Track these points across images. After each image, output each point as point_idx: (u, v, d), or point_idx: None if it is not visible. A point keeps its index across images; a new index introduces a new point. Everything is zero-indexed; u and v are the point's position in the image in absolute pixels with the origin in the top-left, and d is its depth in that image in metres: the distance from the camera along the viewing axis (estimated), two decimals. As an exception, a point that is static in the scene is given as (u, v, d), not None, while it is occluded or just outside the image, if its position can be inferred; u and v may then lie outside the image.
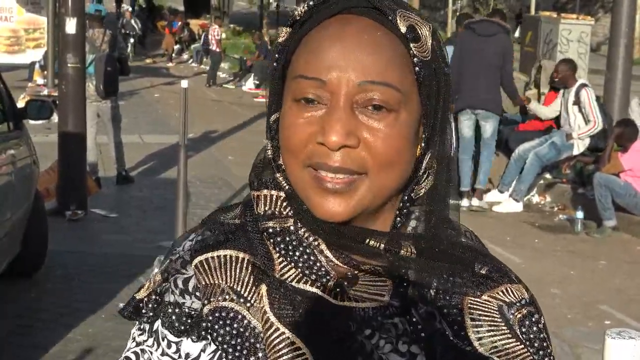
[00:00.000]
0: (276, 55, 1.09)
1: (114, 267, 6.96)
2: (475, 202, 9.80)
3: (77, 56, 8.89)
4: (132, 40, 28.98)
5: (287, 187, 1.07)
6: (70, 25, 8.83)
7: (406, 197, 1.09)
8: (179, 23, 30.98)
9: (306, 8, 1.07)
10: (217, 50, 24.06)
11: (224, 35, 25.88)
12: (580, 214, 8.93)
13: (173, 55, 29.45)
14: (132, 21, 30.10)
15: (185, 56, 30.09)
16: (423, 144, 1.07)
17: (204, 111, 16.71)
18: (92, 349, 5.31)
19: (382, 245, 1.05)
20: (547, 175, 10.44)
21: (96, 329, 5.61)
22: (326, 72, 1.02)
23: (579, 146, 9.90)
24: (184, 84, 7.52)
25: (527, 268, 7.49)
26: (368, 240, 1.04)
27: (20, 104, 8.41)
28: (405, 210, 1.09)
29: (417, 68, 1.04)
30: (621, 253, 8.29)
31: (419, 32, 1.05)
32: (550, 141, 9.92)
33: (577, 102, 9.80)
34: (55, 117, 9.35)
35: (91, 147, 9.65)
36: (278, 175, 1.08)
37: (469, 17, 10.83)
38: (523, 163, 9.95)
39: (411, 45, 1.04)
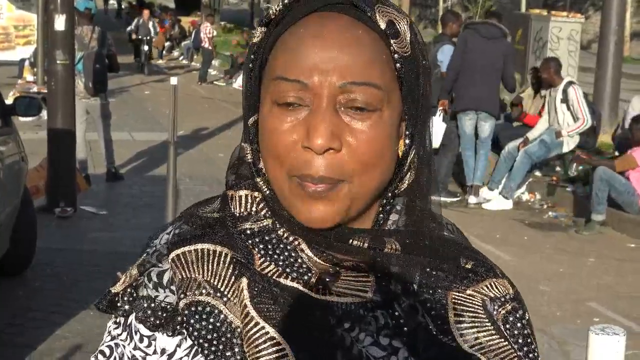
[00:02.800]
0: (252, 56, 1.06)
1: (103, 265, 6.94)
2: (472, 199, 9.88)
3: (66, 53, 8.87)
4: (146, 47, 24.63)
5: (267, 192, 1.06)
6: (59, 22, 8.80)
7: (390, 194, 1.07)
8: (170, 20, 30.88)
9: (281, 7, 1.04)
10: (209, 47, 24.04)
11: (215, 33, 25.76)
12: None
13: (164, 52, 29.37)
14: (150, 24, 25.75)
15: (175, 53, 30.03)
16: (408, 141, 1.05)
17: (194, 108, 16.68)
18: (81, 345, 5.29)
19: (366, 244, 1.03)
20: (537, 173, 10.46)
21: (85, 326, 5.59)
22: (308, 74, 0.99)
23: (569, 143, 9.91)
24: (174, 81, 7.50)
25: (516, 265, 7.50)
26: (351, 240, 1.03)
27: (10, 100, 8.38)
28: (388, 207, 1.08)
29: (397, 64, 1.03)
30: (610, 250, 8.30)
31: (398, 27, 1.03)
32: (539, 139, 9.93)
33: (565, 100, 9.81)
34: (44, 114, 9.33)
35: (80, 144, 9.62)
36: (258, 179, 1.07)
37: (455, 15, 10.81)
38: (513, 160, 9.98)
39: (391, 41, 1.02)
